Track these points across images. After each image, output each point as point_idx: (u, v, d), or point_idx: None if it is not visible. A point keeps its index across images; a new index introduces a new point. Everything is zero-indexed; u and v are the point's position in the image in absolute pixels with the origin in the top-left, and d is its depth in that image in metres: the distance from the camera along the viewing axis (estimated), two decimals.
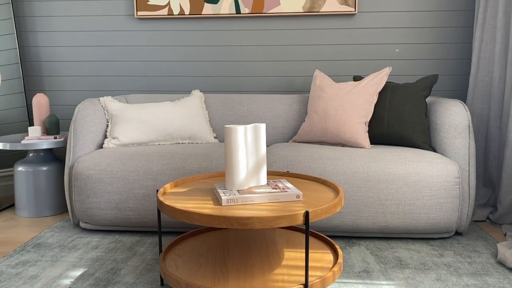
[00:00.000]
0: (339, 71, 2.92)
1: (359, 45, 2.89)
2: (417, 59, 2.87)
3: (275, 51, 2.94)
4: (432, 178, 2.02)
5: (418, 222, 2.05)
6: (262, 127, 1.68)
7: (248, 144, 1.66)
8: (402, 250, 2.01)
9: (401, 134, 2.32)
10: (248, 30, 2.93)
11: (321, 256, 1.73)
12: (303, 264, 1.66)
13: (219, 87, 3.00)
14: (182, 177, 2.12)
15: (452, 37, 2.84)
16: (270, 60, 2.95)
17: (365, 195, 2.04)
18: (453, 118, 2.17)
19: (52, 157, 2.65)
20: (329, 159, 2.11)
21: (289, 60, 2.94)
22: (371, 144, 2.44)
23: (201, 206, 1.53)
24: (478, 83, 2.61)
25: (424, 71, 2.88)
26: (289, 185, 1.70)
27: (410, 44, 2.86)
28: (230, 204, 1.55)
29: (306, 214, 1.41)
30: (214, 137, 2.66)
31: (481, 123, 2.61)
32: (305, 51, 2.92)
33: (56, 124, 2.63)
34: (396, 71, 2.89)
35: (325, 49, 2.91)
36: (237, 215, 1.40)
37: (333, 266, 1.63)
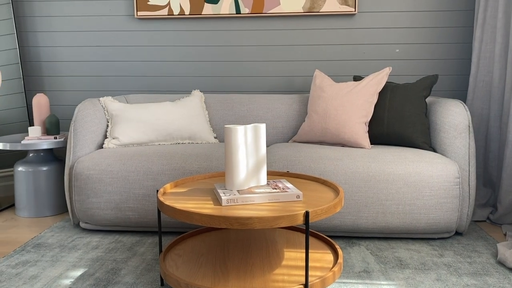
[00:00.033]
0: (339, 71, 2.92)
1: (359, 45, 2.89)
2: (417, 59, 2.87)
3: (275, 51, 2.94)
4: (432, 178, 2.02)
5: (418, 222, 2.05)
6: (262, 127, 1.68)
7: (248, 144, 1.66)
8: (402, 250, 2.01)
9: (401, 134, 2.32)
10: (248, 30, 2.93)
11: (321, 256, 1.73)
12: (303, 264, 1.66)
13: (219, 87, 3.00)
14: (182, 177, 2.12)
15: (452, 37, 2.84)
16: (270, 60, 2.95)
17: (365, 195, 2.04)
18: (453, 118, 2.17)
19: (52, 157, 2.65)
20: (329, 159, 2.11)
21: (289, 60, 2.94)
22: (371, 144, 2.44)
23: (201, 206, 1.53)
24: (478, 83, 2.61)
25: (424, 71, 2.88)
26: (289, 185, 1.70)
27: (410, 44, 2.86)
28: (230, 204, 1.55)
29: (306, 214, 1.41)
30: (214, 137, 2.66)
31: (481, 123, 2.61)
32: (305, 51, 2.92)
33: (56, 124, 2.63)
34: (396, 71, 2.89)
35: (325, 49, 2.91)
36: (237, 215, 1.40)
37: (333, 266, 1.63)
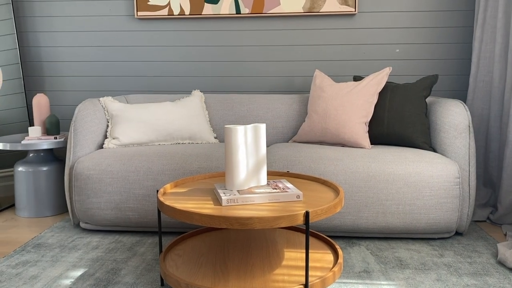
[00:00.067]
0: (339, 71, 2.92)
1: (359, 45, 2.89)
2: (417, 59, 2.87)
3: (275, 51, 2.94)
4: (432, 178, 2.02)
5: (418, 222, 2.05)
6: (262, 127, 1.68)
7: (248, 144, 1.66)
8: (402, 250, 2.01)
9: (401, 134, 2.32)
10: (248, 30, 2.93)
11: (321, 256, 1.73)
12: (303, 264, 1.66)
13: (219, 87, 3.00)
14: (182, 177, 2.12)
15: (452, 37, 2.84)
16: (270, 60, 2.95)
17: (365, 195, 2.04)
18: (453, 118, 2.17)
19: (52, 157, 2.65)
20: (329, 159, 2.11)
21: (289, 60, 2.94)
22: (371, 144, 2.44)
23: (201, 206, 1.53)
24: (478, 83, 2.61)
25: (424, 71, 2.88)
26: (289, 185, 1.70)
27: (410, 44, 2.86)
28: (230, 204, 1.55)
29: (306, 214, 1.41)
30: (214, 137, 2.66)
31: (481, 123, 2.61)
32: (305, 51, 2.92)
33: (56, 124, 2.63)
34: (396, 71, 2.89)
35: (325, 49, 2.91)
36: (237, 215, 1.40)
37: (333, 266, 1.63)
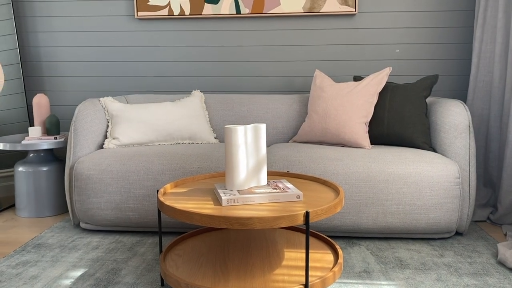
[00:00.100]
0: (339, 71, 2.92)
1: (359, 45, 2.89)
2: (417, 59, 2.87)
3: (275, 51, 2.94)
4: (432, 178, 2.02)
5: (418, 222, 2.05)
6: (262, 128, 1.68)
7: (248, 145, 1.66)
8: (403, 250, 2.01)
9: (401, 135, 2.32)
10: (248, 30, 2.93)
11: (322, 256, 1.73)
12: (304, 264, 1.66)
13: (219, 87, 3.00)
14: (183, 177, 2.12)
15: (452, 37, 2.84)
16: (270, 60, 2.95)
17: (365, 195, 2.04)
18: (453, 118, 2.17)
19: (53, 158, 2.65)
20: (329, 159, 2.11)
21: (289, 60, 2.94)
22: (371, 145, 2.44)
23: (201, 206, 1.53)
24: (478, 83, 2.61)
25: (424, 71, 2.88)
26: (290, 185, 1.70)
27: (410, 44, 2.86)
28: (230, 204, 1.55)
29: (307, 214, 1.41)
30: (214, 137, 2.66)
31: (481, 123, 2.61)
32: (305, 51, 2.92)
33: (57, 125, 2.63)
34: (396, 71, 2.89)
35: (325, 49, 2.91)
36: (238, 215, 1.40)
37: (334, 266, 1.63)
